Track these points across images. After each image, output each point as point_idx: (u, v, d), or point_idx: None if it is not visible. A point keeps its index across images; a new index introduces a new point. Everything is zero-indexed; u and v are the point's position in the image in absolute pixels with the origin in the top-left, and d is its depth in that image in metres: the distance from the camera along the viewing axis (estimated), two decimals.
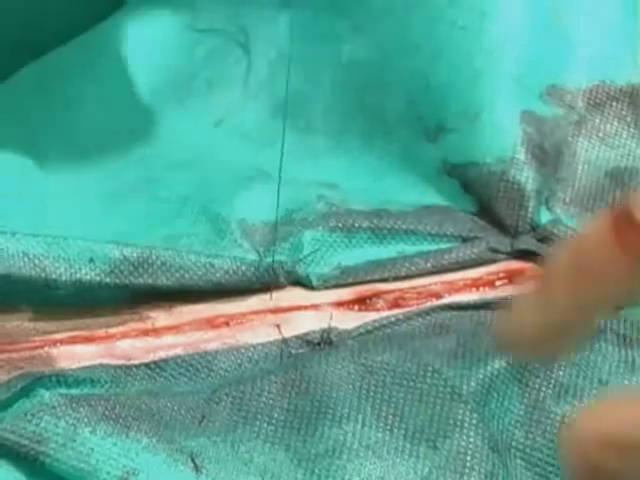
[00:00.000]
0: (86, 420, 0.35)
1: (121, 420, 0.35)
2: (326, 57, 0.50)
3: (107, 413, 0.35)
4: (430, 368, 0.39)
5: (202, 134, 0.48)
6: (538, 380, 0.40)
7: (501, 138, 0.45)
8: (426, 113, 0.47)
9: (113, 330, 0.40)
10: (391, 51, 0.48)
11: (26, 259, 0.39)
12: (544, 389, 0.40)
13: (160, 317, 0.41)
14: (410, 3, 0.47)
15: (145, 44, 0.50)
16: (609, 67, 0.46)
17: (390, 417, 0.38)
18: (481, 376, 0.39)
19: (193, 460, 0.35)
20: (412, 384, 0.39)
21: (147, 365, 0.38)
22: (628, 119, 0.46)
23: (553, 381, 0.40)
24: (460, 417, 0.38)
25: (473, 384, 0.39)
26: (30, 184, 0.46)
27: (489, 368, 0.39)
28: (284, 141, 0.44)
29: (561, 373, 0.40)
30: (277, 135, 0.47)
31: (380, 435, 0.38)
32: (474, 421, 0.38)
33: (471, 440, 0.38)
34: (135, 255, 0.40)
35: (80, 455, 0.34)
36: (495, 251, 0.44)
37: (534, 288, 0.28)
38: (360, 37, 0.49)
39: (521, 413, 0.39)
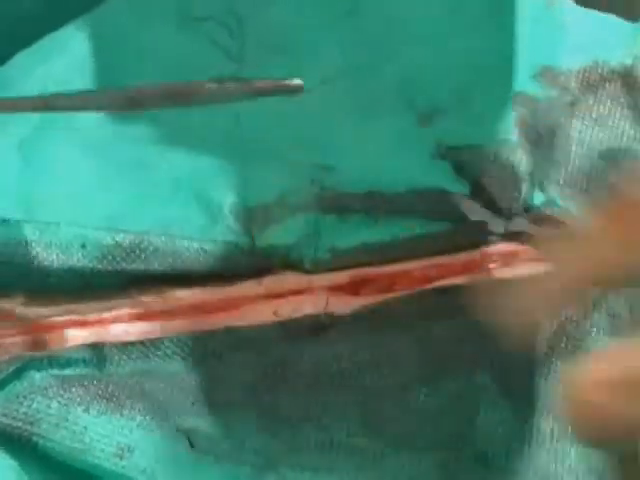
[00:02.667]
0: (79, 400, 0.35)
1: (114, 399, 0.35)
2: (318, 41, 0.50)
3: (100, 392, 0.35)
4: (419, 379, 0.40)
5: (193, 117, 0.48)
6: (526, 392, 0.40)
7: (494, 120, 0.45)
8: (419, 96, 0.47)
9: (105, 314, 0.40)
10: (383, 34, 0.48)
11: (18, 245, 0.39)
12: (533, 402, 0.40)
13: (153, 301, 0.41)
14: None
15: (138, 30, 0.50)
16: (602, 48, 0.46)
17: (375, 424, 0.39)
18: (467, 389, 0.39)
19: (188, 437, 0.35)
20: (399, 394, 0.39)
21: (142, 343, 0.38)
22: (621, 100, 0.45)
23: (541, 393, 0.40)
24: (440, 436, 0.39)
25: (457, 400, 0.39)
26: (20, 166, 0.45)
27: (477, 379, 0.40)
28: None
29: (548, 386, 0.40)
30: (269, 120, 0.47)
31: (365, 441, 0.38)
32: (454, 438, 0.39)
33: (453, 455, 0.38)
34: (127, 241, 0.40)
35: (74, 434, 0.34)
36: (489, 233, 0.44)
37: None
38: (354, 21, 0.49)
39: (513, 426, 0.39)
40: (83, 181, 0.45)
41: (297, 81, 0.39)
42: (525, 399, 0.40)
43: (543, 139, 0.45)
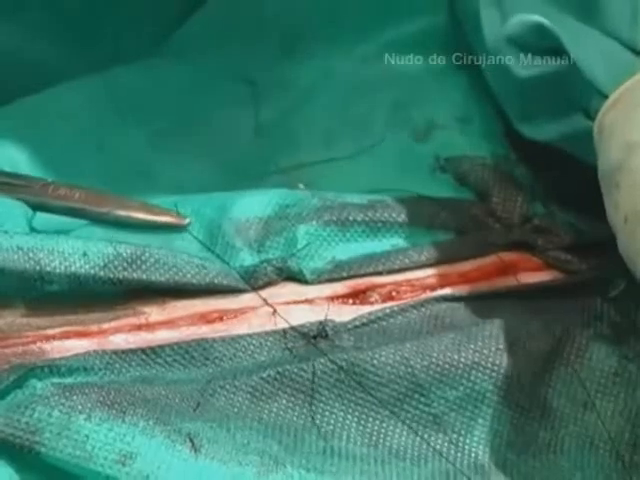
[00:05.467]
0: (80, 408, 0.35)
1: (116, 406, 0.35)
2: (319, 74, 0.51)
3: (101, 400, 0.35)
4: (418, 388, 0.39)
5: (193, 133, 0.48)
6: (525, 402, 0.40)
7: (493, 133, 0.45)
8: (415, 114, 0.48)
9: (106, 325, 0.40)
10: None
11: (20, 252, 0.39)
12: (531, 412, 0.40)
13: (154, 312, 0.41)
14: None
15: (160, 89, 0.51)
16: None
17: (374, 434, 0.39)
18: (466, 398, 0.39)
19: (191, 440, 0.35)
20: (398, 404, 0.39)
21: (143, 350, 0.38)
22: None
23: (540, 403, 0.40)
24: (439, 446, 0.39)
25: (456, 410, 0.39)
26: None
27: (477, 388, 0.40)
28: None
29: (549, 394, 0.40)
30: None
31: (365, 450, 0.38)
32: (452, 450, 0.39)
33: (451, 464, 0.38)
34: (129, 252, 0.40)
35: (75, 443, 0.34)
36: (489, 243, 0.44)
37: None
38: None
39: (510, 436, 0.39)
40: None
41: (187, 220, 0.44)
42: (524, 409, 0.40)
43: (543, 151, 0.45)
